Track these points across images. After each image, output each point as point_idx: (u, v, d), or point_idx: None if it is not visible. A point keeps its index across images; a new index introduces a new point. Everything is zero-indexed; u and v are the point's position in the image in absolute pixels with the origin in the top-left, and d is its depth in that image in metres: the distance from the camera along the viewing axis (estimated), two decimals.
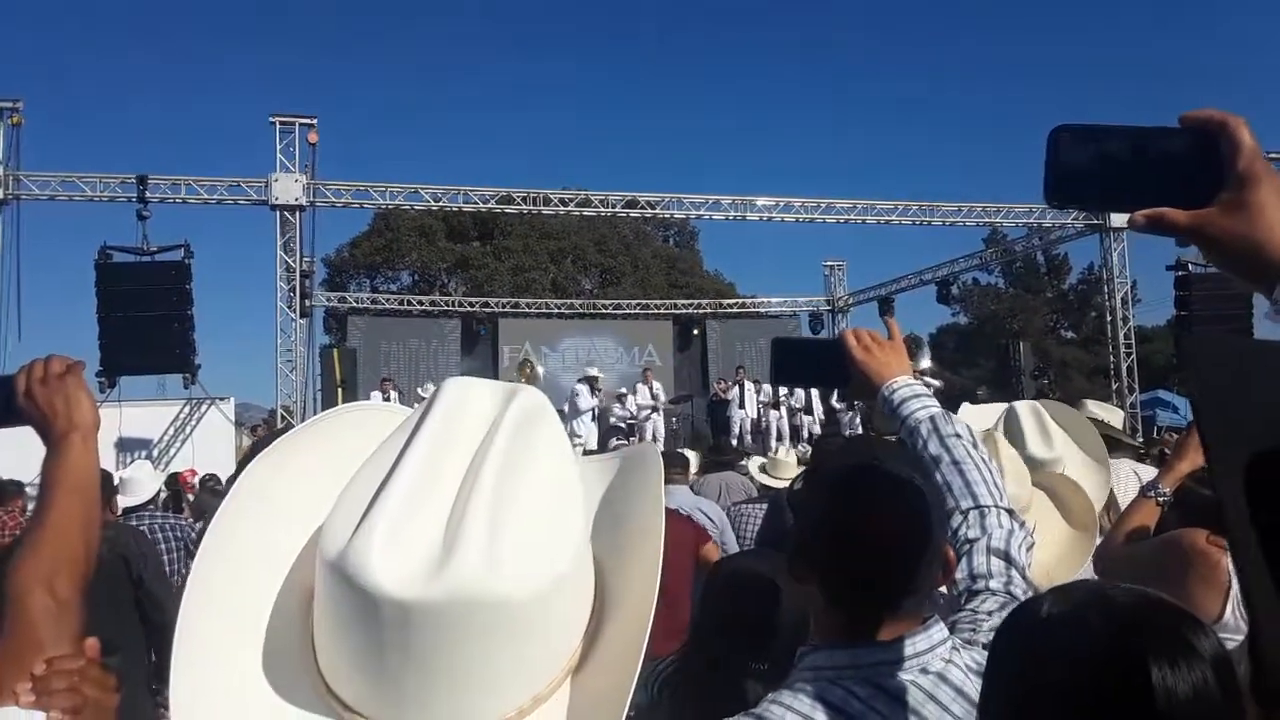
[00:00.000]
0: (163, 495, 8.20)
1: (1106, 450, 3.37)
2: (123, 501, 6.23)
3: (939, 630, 1.41)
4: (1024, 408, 3.23)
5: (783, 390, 18.25)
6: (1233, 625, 2.31)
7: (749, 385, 19.13)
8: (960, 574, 1.53)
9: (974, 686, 1.35)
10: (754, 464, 7.56)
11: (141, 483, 6.82)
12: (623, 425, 18.66)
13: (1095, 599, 1.01)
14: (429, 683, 0.89)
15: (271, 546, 1.04)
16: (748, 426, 18.85)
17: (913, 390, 1.69)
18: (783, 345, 1.87)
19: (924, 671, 1.36)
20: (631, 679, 0.92)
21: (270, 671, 0.97)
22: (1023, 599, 1.47)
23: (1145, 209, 0.91)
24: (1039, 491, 2.87)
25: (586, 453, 11.62)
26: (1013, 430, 3.14)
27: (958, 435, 1.63)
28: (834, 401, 18.36)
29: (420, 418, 0.98)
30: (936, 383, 15.53)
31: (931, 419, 1.64)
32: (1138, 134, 0.94)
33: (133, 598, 4.12)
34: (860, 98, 78.73)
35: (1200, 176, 0.89)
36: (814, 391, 18.11)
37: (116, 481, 6.10)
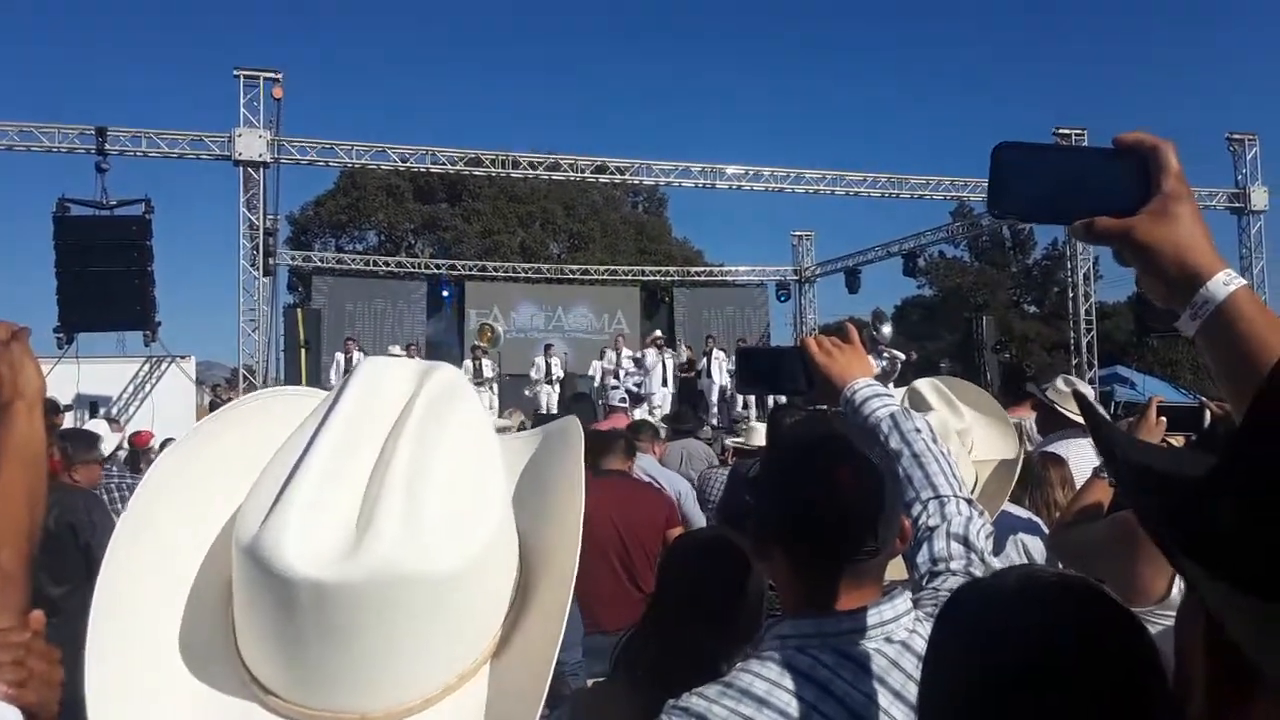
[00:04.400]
0: (122, 454, 8.12)
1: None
2: None
3: (904, 601, 1.45)
4: (925, 384, 3.36)
5: None
6: (1178, 603, 2.37)
7: (718, 354, 19.12)
8: (921, 558, 1.59)
9: None
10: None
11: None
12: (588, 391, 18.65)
13: (1022, 583, 1.06)
14: (350, 663, 0.88)
15: (187, 537, 1.02)
16: (714, 396, 18.87)
17: (873, 390, 1.74)
18: (746, 355, 1.93)
19: (889, 640, 1.41)
20: (554, 647, 0.92)
21: (190, 662, 0.95)
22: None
23: (1080, 220, 0.99)
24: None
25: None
26: (920, 406, 3.22)
27: (917, 430, 1.69)
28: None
29: (334, 399, 0.96)
30: (901, 355, 15.66)
31: (892, 416, 1.70)
32: (1074, 152, 1.07)
33: (82, 565, 4.04)
34: (832, 69, 78.53)
35: (1129, 193, 0.97)
36: None
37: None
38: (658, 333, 20.63)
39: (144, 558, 0.99)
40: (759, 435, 7.00)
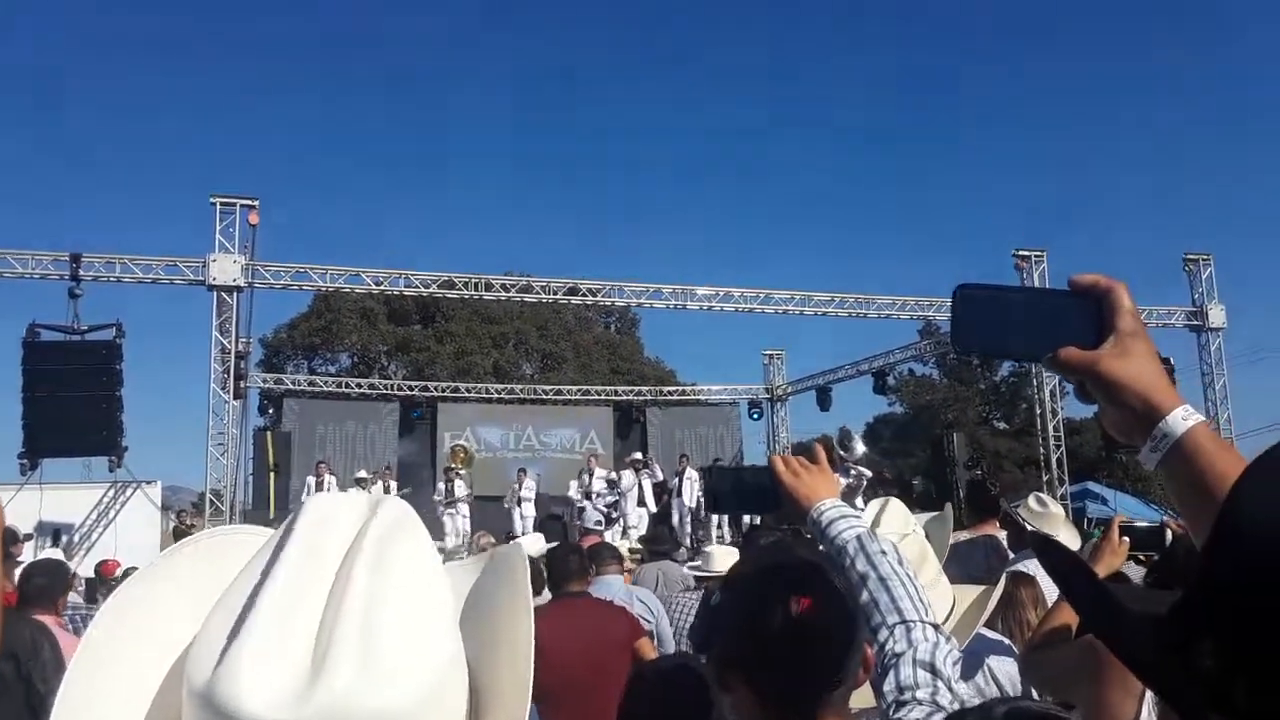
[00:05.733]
0: (81, 586, 7.92)
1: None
2: None
3: None
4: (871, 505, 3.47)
5: None
6: None
7: (690, 474, 19.00)
8: (888, 686, 1.57)
9: None
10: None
11: None
12: (561, 513, 18.50)
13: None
14: None
15: (140, 675, 1.00)
16: (686, 517, 18.66)
17: (840, 511, 1.74)
18: (716, 474, 1.95)
19: None
20: None
21: None
22: (948, 709, 1.52)
23: (1038, 358, 1.05)
24: None
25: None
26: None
27: (883, 552, 1.68)
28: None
29: (283, 535, 0.96)
30: (868, 472, 15.66)
31: (858, 538, 1.69)
32: (1032, 293, 1.10)
33: (23, 697, 3.87)
34: (800, 190, 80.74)
35: (1086, 331, 1.02)
36: None
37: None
38: (636, 454, 20.56)
39: (97, 698, 0.97)
40: (718, 560, 6.74)
